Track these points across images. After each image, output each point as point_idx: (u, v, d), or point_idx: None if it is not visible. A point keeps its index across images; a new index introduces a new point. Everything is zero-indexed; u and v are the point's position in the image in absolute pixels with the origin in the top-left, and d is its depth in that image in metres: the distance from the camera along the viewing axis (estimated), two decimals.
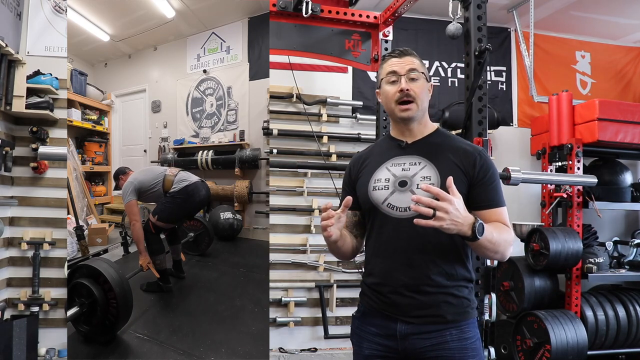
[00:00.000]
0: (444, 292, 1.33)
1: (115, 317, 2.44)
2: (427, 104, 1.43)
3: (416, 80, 1.38)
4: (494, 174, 1.38)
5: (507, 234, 1.31)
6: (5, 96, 2.98)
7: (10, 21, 3.19)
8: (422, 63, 1.44)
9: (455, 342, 1.31)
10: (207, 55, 5.06)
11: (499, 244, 1.27)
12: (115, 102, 5.58)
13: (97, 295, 2.38)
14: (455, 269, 1.34)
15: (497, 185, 1.37)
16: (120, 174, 3.53)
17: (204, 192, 3.35)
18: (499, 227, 1.30)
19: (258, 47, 4.64)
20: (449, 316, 1.32)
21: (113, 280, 2.40)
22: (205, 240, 4.07)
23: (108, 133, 5.42)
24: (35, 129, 3.18)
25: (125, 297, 2.44)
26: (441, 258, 1.33)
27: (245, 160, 4.58)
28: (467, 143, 1.43)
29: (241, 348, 2.41)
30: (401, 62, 1.40)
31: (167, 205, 3.21)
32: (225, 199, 4.78)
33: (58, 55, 3.39)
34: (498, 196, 1.37)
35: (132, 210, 3.13)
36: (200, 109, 5.13)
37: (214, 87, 5.03)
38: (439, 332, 1.31)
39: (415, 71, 1.39)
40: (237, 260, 3.97)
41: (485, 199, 1.35)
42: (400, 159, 1.41)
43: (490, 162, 1.39)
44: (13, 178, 3.29)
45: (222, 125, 4.98)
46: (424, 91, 1.40)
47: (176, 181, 3.25)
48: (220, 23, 4.88)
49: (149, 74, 5.48)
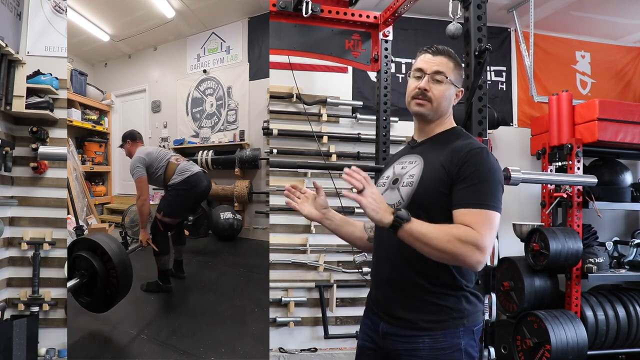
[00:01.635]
0: (420, 297, 1.30)
1: (115, 287, 2.46)
2: (445, 108, 1.42)
3: (439, 83, 1.39)
4: (482, 172, 1.26)
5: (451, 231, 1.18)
6: (5, 96, 2.98)
7: (10, 21, 3.19)
8: (456, 67, 1.42)
9: (426, 352, 1.28)
10: (207, 55, 5.05)
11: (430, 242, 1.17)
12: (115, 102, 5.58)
13: (97, 267, 2.40)
14: (434, 271, 1.30)
15: (481, 184, 1.25)
16: (128, 138, 3.44)
17: (205, 182, 3.34)
18: (445, 226, 1.20)
19: (258, 47, 4.64)
20: (421, 323, 1.29)
21: (112, 252, 2.43)
22: (205, 224, 4.05)
23: (108, 133, 5.42)
24: (35, 129, 3.18)
25: (124, 268, 2.46)
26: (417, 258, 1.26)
27: (245, 160, 4.58)
28: (470, 142, 1.35)
29: (241, 348, 2.41)
30: (432, 61, 1.41)
31: (170, 200, 3.21)
32: (225, 199, 4.77)
33: (58, 55, 3.39)
34: (479, 196, 1.24)
35: (142, 185, 3.11)
36: (200, 109, 5.13)
37: (214, 87, 5.03)
38: (413, 337, 1.30)
39: (441, 74, 1.38)
40: (237, 260, 3.97)
41: (461, 198, 1.25)
42: (406, 157, 1.46)
43: (480, 160, 1.28)
44: (13, 178, 3.29)
45: (222, 125, 4.98)
46: (444, 96, 1.40)
47: (178, 170, 3.23)
48: (220, 23, 4.88)
49: (149, 74, 5.48)
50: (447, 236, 1.17)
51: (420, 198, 1.31)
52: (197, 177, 3.26)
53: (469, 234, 1.18)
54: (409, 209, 1.25)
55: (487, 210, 1.23)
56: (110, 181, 5.42)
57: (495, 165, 1.30)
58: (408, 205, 1.32)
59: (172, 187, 3.21)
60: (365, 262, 3.66)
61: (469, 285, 1.34)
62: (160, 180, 3.26)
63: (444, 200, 1.28)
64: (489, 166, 1.28)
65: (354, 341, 3.59)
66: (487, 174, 1.27)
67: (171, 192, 3.21)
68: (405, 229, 1.18)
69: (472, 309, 1.33)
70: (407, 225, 1.18)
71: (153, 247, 3.12)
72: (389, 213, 1.19)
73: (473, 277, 1.36)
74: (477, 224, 1.21)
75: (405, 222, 1.18)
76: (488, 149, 1.34)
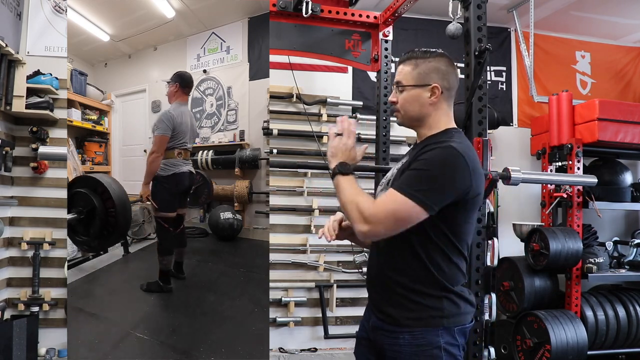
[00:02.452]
0: (402, 295, 1.34)
1: (113, 227, 2.41)
2: (416, 111, 1.42)
3: (401, 92, 1.44)
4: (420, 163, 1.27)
5: (358, 198, 1.29)
6: (5, 96, 2.98)
7: (10, 21, 3.19)
8: (417, 67, 1.41)
9: (406, 347, 1.32)
10: (207, 55, 5.05)
11: (341, 197, 1.34)
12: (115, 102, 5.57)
13: (96, 203, 2.36)
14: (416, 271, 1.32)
15: (410, 172, 1.28)
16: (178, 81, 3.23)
17: (187, 183, 3.29)
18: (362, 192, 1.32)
19: (258, 47, 4.63)
20: (402, 320, 1.33)
21: (112, 191, 2.38)
22: (205, 192, 4.02)
23: (108, 133, 5.41)
24: (35, 129, 3.18)
25: (124, 207, 2.42)
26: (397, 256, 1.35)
27: (245, 160, 4.58)
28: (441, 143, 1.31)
29: (241, 348, 2.41)
30: (397, 73, 1.48)
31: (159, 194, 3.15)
32: (225, 199, 4.77)
33: (58, 55, 3.39)
34: (402, 181, 1.27)
35: (161, 143, 2.98)
36: (200, 109, 5.13)
37: (214, 87, 5.03)
38: (395, 333, 1.34)
39: (399, 84, 1.45)
40: (237, 260, 3.97)
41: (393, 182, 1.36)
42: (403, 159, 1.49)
43: (429, 155, 1.27)
44: (13, 178, 3.29)
45: (222, 125, 4.97)
46: (407, 102, 1.43)
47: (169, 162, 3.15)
48: (220, 23, 4.88)
49: (149, 74, 5.48)
50: (353, 199, 1.30)
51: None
52: (180, 177, 3.19)
53: (364, 205, 1.28)
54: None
55: (397, 193, 1.26)
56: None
57: (442, 160, 1.26)
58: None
59: (158, 178, 3.13)
60: (365, 262, 3.66)
61: (453, 287, 1.34)
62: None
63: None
64: (433, 159, 1.26)
65: (354, 341, 3.58)
66: (423, 165, 1.27)
67: (157, 185, 3.14)
68: (336, 179, 1.37)
69: (454, 310, 1.33)
70: (339, 176, 1.36)
71: (152, 204, 3.05)
72: (337, 162, 1.38)
73: (460, 278, 1.36)
74: (380, 200, 1.31)
75: (339, 173, 1.36)
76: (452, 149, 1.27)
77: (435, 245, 1.32)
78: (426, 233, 1.30)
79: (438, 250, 1.32)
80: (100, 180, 2.39)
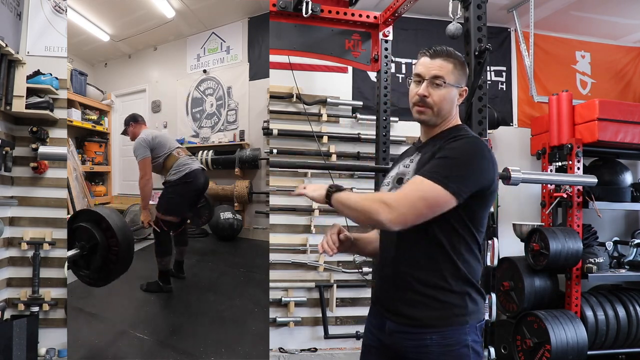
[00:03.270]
0: (424, 293, 1.31)
1: (115, 262, 2.38)
2: (447, 111, 1.40)
3: (439, 88, 1.37)
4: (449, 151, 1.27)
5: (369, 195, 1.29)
6: (5, 96, 2.98)
7: (10, 21, 3.19)
8: (457, 67, 1.40)
9: (435, 347, 1.29)
10: (207, 55, 5.05)
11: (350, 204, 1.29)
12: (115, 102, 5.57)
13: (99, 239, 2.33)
14: (438, 269, 1.31)
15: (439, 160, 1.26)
16: (132, 121, 3.39)
17: (203, 179, 3.29)
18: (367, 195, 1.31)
19: (258, 47, 4.63)
20: (426, 320, 1.30)
21: (115, 226, 2.33)
22: (206, 213, 4.03)
23: (108, 133, 5.41)
24: (35, 129, 3.18)
25: (127, 242, 2.37)
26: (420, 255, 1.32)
27: (245, 160, 4.57)
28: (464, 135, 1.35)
29: (241, 348, 2.41)
30: (430, 65, 1.40)
31: (168, 197, 3.18)
32: (225, 199, 4.77)
33: (58, 55, 3.39)
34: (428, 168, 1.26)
35: (145, 166, 3.07)
36: (200, 109, 5.13)
37: (214, 87, 5.03)
38: (420, 334, 1.30)
39: (440, 79, 1.37)
40: (237, 260, 3.97)
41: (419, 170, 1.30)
42: (410, 157, 1.46)
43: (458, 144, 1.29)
44: (13, 178, 3.29)
45: (222, 125, 4.97)
46: (445, 100, 1.38)
47: (176, 165, 3.18)
48: (220, 23, 4.88)
49: (149, 74, 5.48)
50: (366, 197, 1.29)
51: None
52: (194, 174, 3.21)
53: (385, 195, 1.28)
54: None
55: (424, 179, 1.23)
56: (110, 181, 5.42)
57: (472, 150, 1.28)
58: None
59: (170, 183, 3.17)
60: (365, 262, 3.66)
61: (474, 282, 1.34)
62: (158, 167, 3.21)
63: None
64: (462, 148, 1.28)
65: (354, 341, 3.59)
66: (452, 153, 1.27)
67: (169, 189, 3.18)
68: (334, 197, 1.33)
69: (474, 307, 1.33)
70: (336, 194, 1.33)
71: (154, 228, 3.08)
72: (325, 187, 1.36)
73: (479, 270, 1.36)
74: (405, 187, 1.27)
75: (335, 192, 1.33)
76: (478, 140, 1.32)
77: (459, 235, 1.30)
78: (449, 223, 1.29)
79: (462, 241, 1.31)
80: (104, 215, 2.37)
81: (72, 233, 2.40)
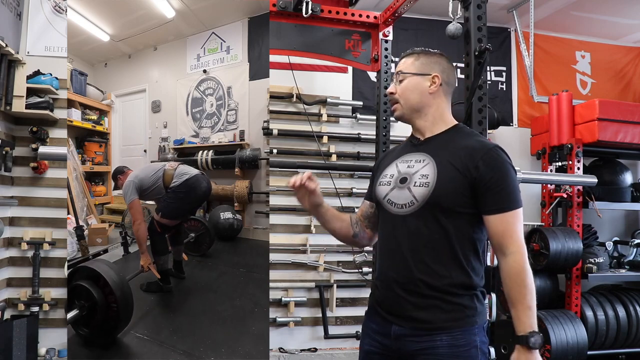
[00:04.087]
0: (434, 296, 1.30)
1: (115, 320, 2.42)
2: (417, 99, 1.41)
3: (402, 82, 1.43)
4: (502, 173, 1.30)
5: (522, 279, 1.30)
6: (5, 96, 2.98)
7: (10, 21, 3.19)
8: (419, 58, 1.44)
9: (445, 349, 1.28)
10: (207, 55, 5.06)
11: (533, 296, 1.30)
12: (115, 102, 5.58)
13: (97, 298, 2.36)
14: (449, 271, 1.30)
15: (505, 187, 1.30)
16: (118, 174, 3.49)
17: (205, 184, 3.32)
18: (513, 285, 1.31)
19: (258, 47, 4.64)
20: (438, 322, 1.30)
21: (114, 283, 2.37)
22: (206, 241, 4.06)
23: (108, 133, 5.42)
24: (35, 129, 3.18)
25: (125, 300, 2.41)
26: (432, 258, 1.31)
27: (245, 160, 4.58)
28: (478, 141, 1.37)
29: (241, 348, 2.41)
30: (398, 65, 1.47)
31: (169, 201, 3.20)
32: (225, 199, 4.77)
33: (58, 55, 3.39)
34: (507, 198, 1.30)
35: (135, 209, 3.10)
36: (200, 109, 5.13)
37: (214, 87, 5.03)
38: (430, 336, 1.30)
39: (401, 73, 1.43)
40: (237, 260, 3.97)
41: (492, 204, 1.30)
42: (410, 155, 1.43)
43: (497, 162, 1.31)
44: (13, 178, 3.29)
45: (222, 125, 4.98)
46: (408, 89, 1.42)
47: (176, 175, 3.21)
48: (220, 23, 4.88)
49: (149, 74, 5.48)
50: (519, 287, 1.30)
51: (440, 200, 1.30)
52: (195, 179, 3.23)
53: (513, 264, 1.31)
54: (424, 209, 1.30)
55: (514, 211, 1.31)
56: (110, 181, 5.41)
57: (509, 160, 1.35)
58: (423, 205, 1.32)
59: (172, 189, 3.20)
60: (365, 262, 3.67)
61: (481, 283, 1.36)
62: (160, 190, 3.24)
63: (464, 202, 1.30)
64: (507, 165, 1.33)
65: (354, 341, 3.59)
66: (507, 173, 1.31)
67: (170, 195, 3.20)
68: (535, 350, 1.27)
69: (481, 308, 1.35)
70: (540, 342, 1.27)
71: (155, 273, 3.10)
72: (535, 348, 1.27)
73: (483, 275, 1.38)
74: (509, 230, 1.30)
75: (536, 342, 1.26)
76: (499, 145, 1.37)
77: (470, 241, 1.33)
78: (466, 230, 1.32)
79: (472, 245, 1.33)
80: (102, 273, 2.38)
81: (72, 291, 2.42)
